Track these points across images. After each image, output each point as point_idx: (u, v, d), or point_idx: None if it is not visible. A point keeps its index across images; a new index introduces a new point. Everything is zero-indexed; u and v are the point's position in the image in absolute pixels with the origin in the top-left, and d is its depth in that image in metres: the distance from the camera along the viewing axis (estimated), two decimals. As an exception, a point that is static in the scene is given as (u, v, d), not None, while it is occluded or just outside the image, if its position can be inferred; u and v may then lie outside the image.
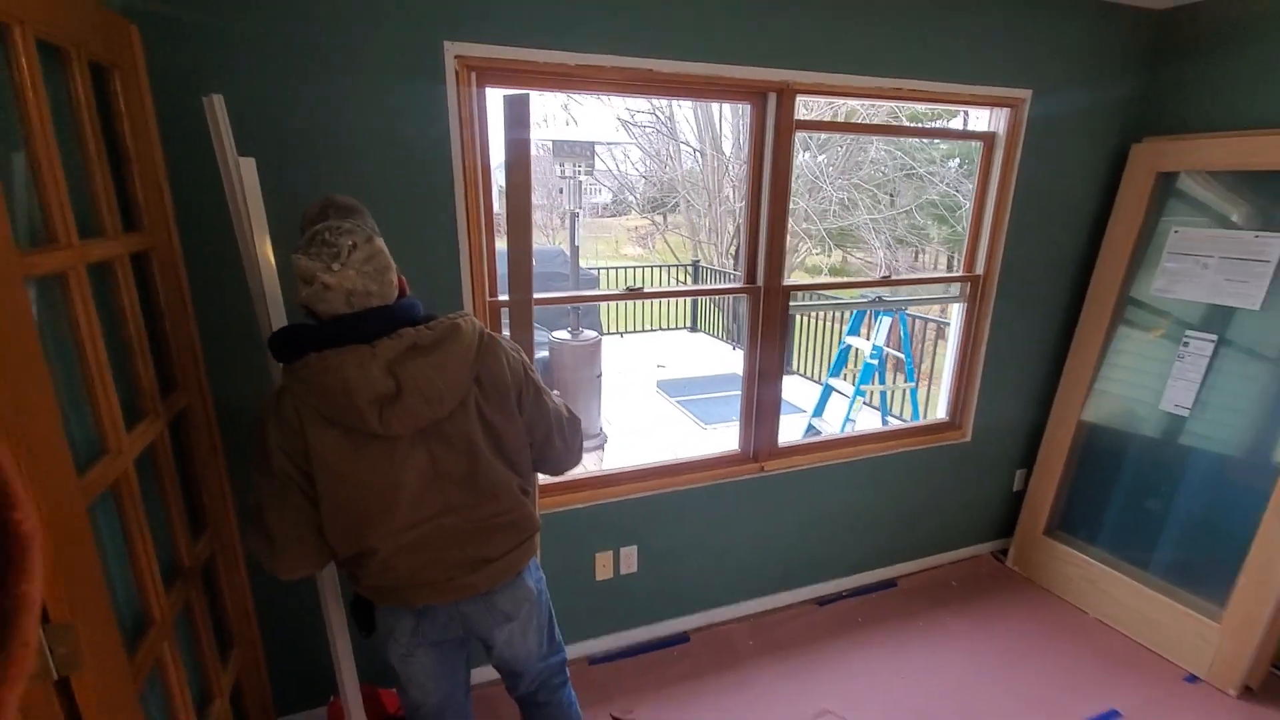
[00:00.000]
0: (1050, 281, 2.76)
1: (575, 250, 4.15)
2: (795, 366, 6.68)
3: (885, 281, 2.70)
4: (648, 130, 11.09)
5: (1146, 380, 2.55)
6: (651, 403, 5.74)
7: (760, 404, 2.42)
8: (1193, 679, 2.34)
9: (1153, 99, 2.61)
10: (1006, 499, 3.07)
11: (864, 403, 4.29)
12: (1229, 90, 2.39)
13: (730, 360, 7.33)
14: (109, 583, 1.00)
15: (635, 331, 8.68)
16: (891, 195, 9.20)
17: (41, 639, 0.78)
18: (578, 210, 4.42)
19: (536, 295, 1.74)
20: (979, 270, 2.64)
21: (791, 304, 2.37)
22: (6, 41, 0.90)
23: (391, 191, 1.74)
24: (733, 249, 10.30)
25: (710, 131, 10.25)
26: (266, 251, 1.41)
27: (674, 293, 2.69)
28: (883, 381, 4.31)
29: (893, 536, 2.85)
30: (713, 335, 8.58)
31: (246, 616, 1.72)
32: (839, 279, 8.90)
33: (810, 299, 5.60)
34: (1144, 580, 2.53)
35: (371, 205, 1.74)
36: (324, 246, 1.10)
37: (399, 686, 1.45)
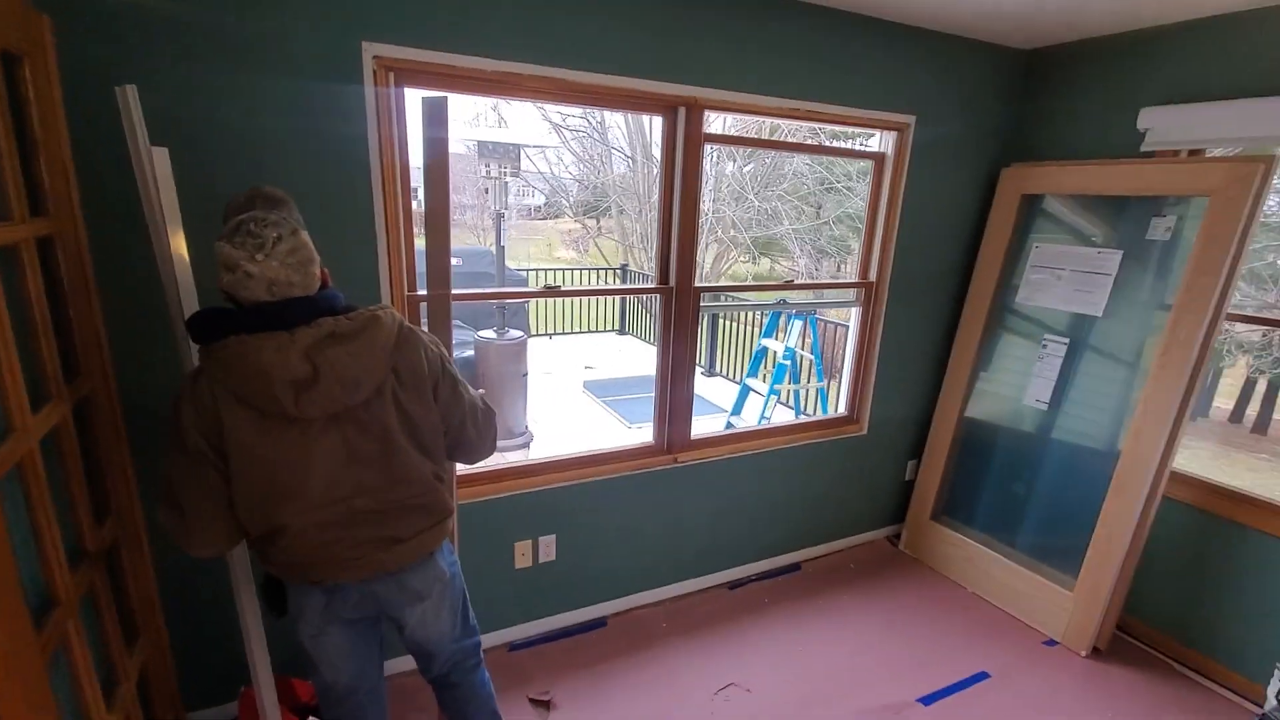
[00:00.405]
0: (935, 289, 3.05)
1: (501, 250, 4.20)
2: (719, 369, 6.93)
3: (788, 285, 2.93)
4: (579, 134, 11.22)
5: (1014, 379, 2.87)
6: (578, 403, 5.83)
7: (673, 397, 2.57)
8: (1051, 643, 2.64)
9: (1020, 128, 2.95)
10: (900, 487, 3.35)
11: (779, 401, 4.54)
12: (1083, 122, 2.73)
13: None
14: (15, 560, 1.02)
15: (565, 333, 8.76)
16: (817, 208, 9.68)
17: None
18: (503, 210, 4.46)
19: (457, 291, 1.82)
20: (872, 277, 2.90)
21: (713, 306, 2.54)
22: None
23: (311, 187, 1.78)
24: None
25: (641, 139, 10.48)
26: (179, 242, 1.44)
27: (589, 291, 2.82)
28: (796, 381, 4.57)
29: (798, 524, 3.07)
30: (641, 339, 8.75)
31: (151, 604, 1.71)
32: (745, 283, 9.34)
33: (724, 300, 5.88)
34: (1011, 556, 2.83)
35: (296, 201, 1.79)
36: (249, 236, 1.16)
37: (311, 669, 1.48)
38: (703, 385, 6.61)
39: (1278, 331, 8.69)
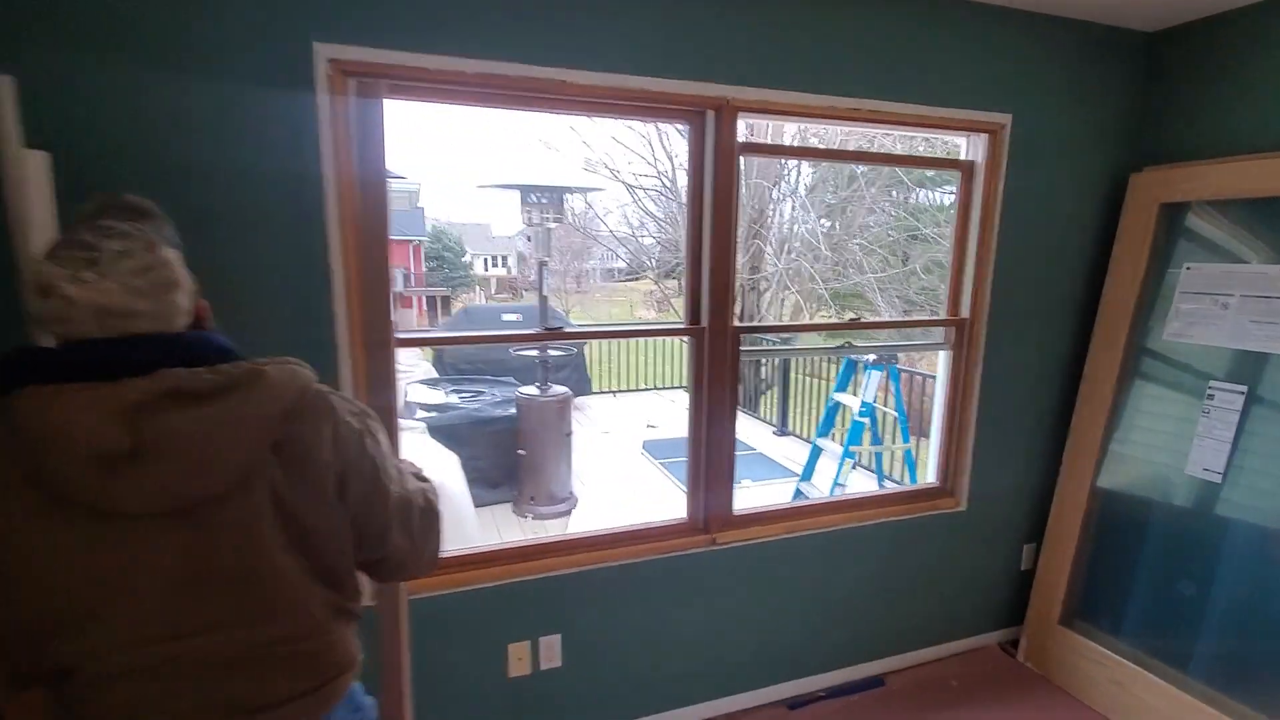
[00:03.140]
0: (1048, 326, 2.44)
1: (544, 301, 3.92)
2: (792, 426, 6.30)
3: (854, 324, 2.40)
4: (651, 193, 11.14)
5: (1169, 441, 2.18)
6: (635, 464, 5.36)
7: (710, 463, 2.09)
8: (1253, 816, 1.87)
9: (1149, 126, 2.35)
10: (1014, 579, 2.65)
11: (856, 465, 3.91)
12: (1231, 113, 2.12)
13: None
14: None
15: (630, 389, 8.38)
16: (904, 257, 8.97)
17: None
18: (545, 259, 4.20)
19: (446, 334, 1.45)
20: (965, 312, 2.33)
21: (780, 351, 2.07)
22: None
23: (243, 212, 1.50)
24: (739, 309, 10.12)
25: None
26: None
27: (599, 334, 2.51)
28: (877, 441, 3.93)
29: (879, 624, 2.43)
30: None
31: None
32: (799, 323, 8.69)
33: (793, 344, 5.31)
34: (1182, 683, 2.08)
35: (220, 227, 1.50)
36: (78, 249, 0.83)
37: None
38: (773, 446, 5.99)
39: None
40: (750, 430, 6.52)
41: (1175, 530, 2.17)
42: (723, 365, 2.02)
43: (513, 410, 4.26)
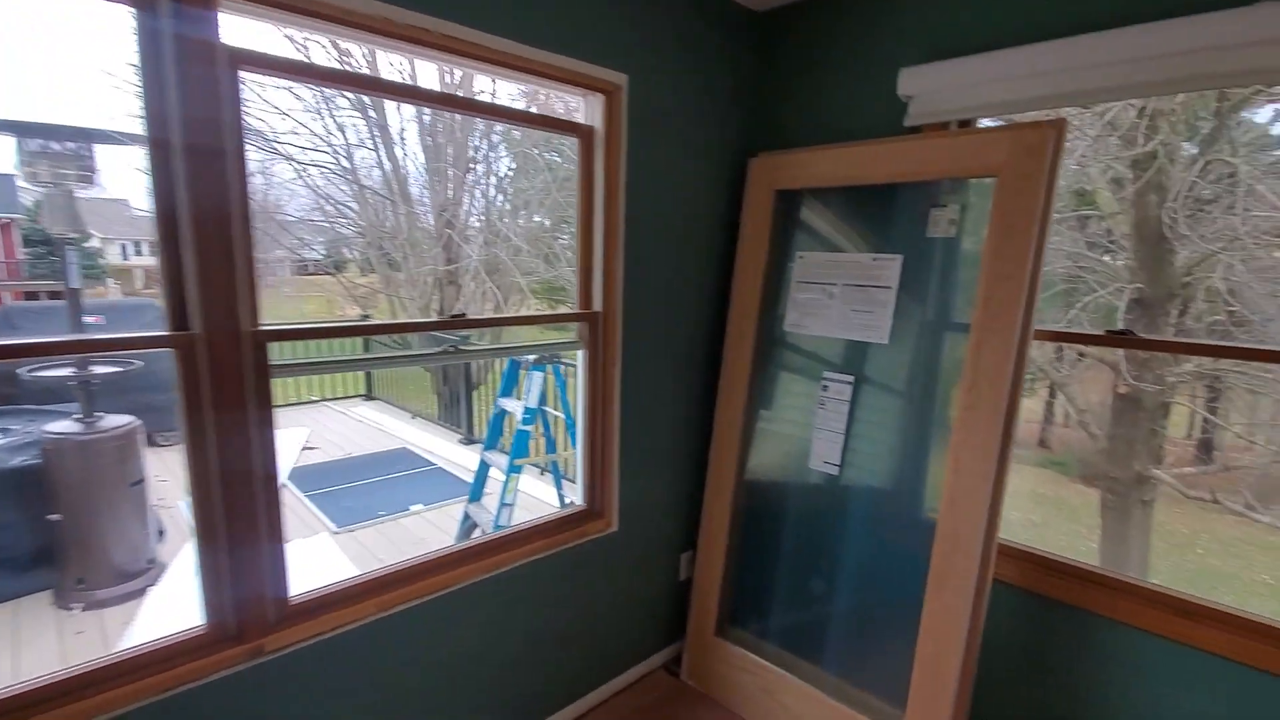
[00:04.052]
0: (688, 318, 2.26)
1: (74, 293, 2.71)
2: (479, 433, 5.77)
3: (448, 324, 1.88)
4: (325, 169, 9.49)
5: (800, 431, 2.13)
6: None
7: (233, 535, 1.38)
8: (879, 801, 1.85)
9: (764, 108, 2.30)
10: (674, 592, 2.46)
11: (544, 472, 3.51)
12: (830, 99, 2.13)
13: (408, 433, 6.13)
14: None
15: (296, 404, 6.97)
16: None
17: None
18: (74, 234, 2.93)
19: None
20: (596, 306, 2.00)
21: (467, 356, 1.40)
22: None
23: None
24: (435, 304, 9.17)
25: (398, 176, 9.09)
26: None
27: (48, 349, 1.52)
28: (551, 450, 3.59)
29: (534, 684, 2.00)
30: (393, 403, 7.27)
31: None
32: (340, 322, 8.18)
33: (481, 343, 4.73)
34: (819, 682, 2.03)
35: None
36: None
37: None
38: (460, 455, 5.39)
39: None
40: (434, 442, 5.82)
41: (806, 525, 2.13)
42: (232, 390, 1.33)
43: (30, 459, 2.89)
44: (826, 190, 2.09)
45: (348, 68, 5.64)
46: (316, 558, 3.47)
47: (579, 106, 1.93)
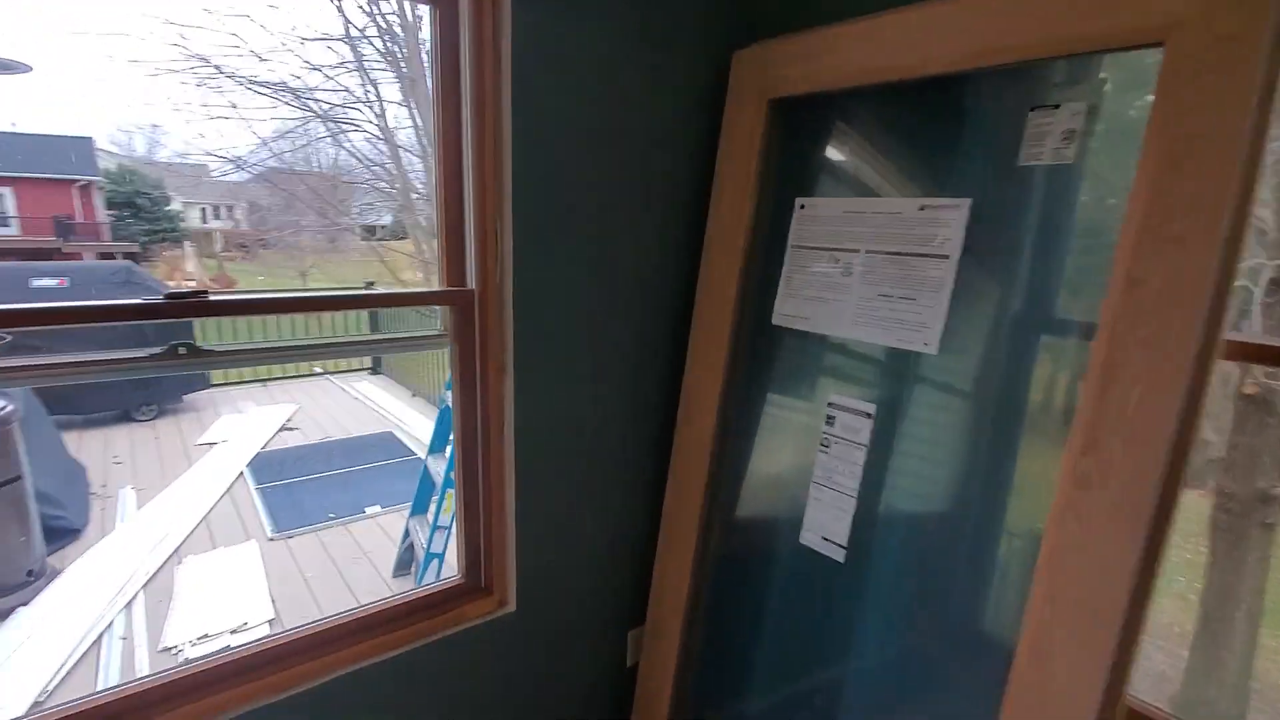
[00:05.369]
0: (638, 303, 1.51)
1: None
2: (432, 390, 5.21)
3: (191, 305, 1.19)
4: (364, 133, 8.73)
5: (794, 478, 1.38)
6: (212, 496, 3.77)
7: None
8: None
9: (762, -20, 1.49)
10: (619, 684, 1.76)
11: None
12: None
13: (404, 414, 5.62)
14: None
15: (297, 376, 6.58)
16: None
17: None
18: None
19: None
20: (470, 283, 1.28)
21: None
22: None
23: None
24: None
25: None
26: None
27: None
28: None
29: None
30: (399, 381, 6.79)
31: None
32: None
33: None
34: None
35: None
36: None
37: None
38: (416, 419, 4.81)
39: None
40: (428, 425, 5.27)
41: (798, 617, 1.38)
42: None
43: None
44: (849, 95, 1.28)
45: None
46: (225, 578, 2.96)
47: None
